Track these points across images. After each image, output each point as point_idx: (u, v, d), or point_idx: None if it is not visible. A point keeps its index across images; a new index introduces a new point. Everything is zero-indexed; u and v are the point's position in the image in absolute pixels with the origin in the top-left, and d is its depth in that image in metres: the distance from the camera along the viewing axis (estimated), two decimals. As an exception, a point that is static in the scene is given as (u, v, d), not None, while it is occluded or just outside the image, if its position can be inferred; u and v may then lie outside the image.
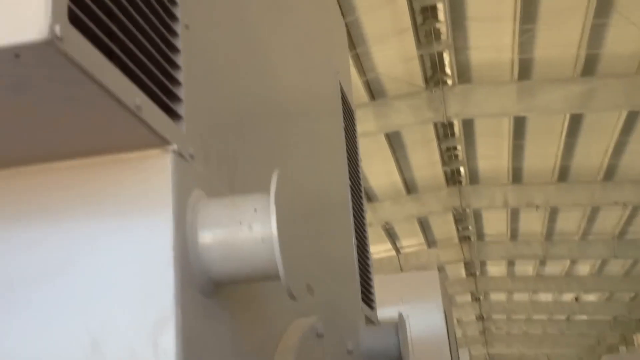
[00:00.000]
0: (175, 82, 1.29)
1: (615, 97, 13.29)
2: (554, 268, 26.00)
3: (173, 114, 1.26)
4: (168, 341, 1.11)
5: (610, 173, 17.29)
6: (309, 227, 2.10)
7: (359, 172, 3.51)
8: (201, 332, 1.21)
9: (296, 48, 2.33)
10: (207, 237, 1.25)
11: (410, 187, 19.11)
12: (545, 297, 30.40)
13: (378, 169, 17.71)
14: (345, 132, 3.23)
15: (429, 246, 23.85)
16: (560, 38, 12.42)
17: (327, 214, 2.51)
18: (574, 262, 24.70)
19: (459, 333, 36.17)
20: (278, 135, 1.96)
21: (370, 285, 3.26)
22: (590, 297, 29.87)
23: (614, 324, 33.01)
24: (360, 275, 3.03)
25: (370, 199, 19.29)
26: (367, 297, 3.14)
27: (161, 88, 1.24)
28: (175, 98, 1.28)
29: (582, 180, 17.79)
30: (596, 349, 39.48)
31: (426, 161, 17.86)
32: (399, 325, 2.72)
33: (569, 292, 28.58)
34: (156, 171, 1.21)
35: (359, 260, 3.05)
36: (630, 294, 28.01)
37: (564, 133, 15.43)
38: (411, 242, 23.36)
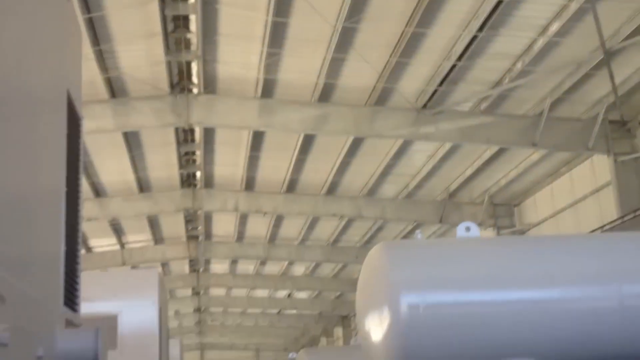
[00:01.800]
0: None
1: (345, 124, 14.60)
2: (273, 268, 27.58)
3: None
4: None
5: (332, 188, 18.93)
6: (6, 232, 2.10)
7: (79, 177, 3.53)
8: None
9: (19, 54, 2.27)
10: None
11: (143, 186, 18.93)
12: (262, 293, 32.08)
13: (111, 166, 17.29)
14: (68, 138, 3.22)
15: (155, 243, 23.77)
16: (303, 65, 13.33)
17: (31, 218, 2.49)
18: (291, 263, 26.46)
19: (175, 324, 36.53)
20: None
21: (75, 289, 3.29)
22: (302, 295, 32.21)
23: (319, 318, 36.01)
24: (66, 279, 3.06)
25: (99, 194, 18.73)
26: (71, 300, 3.17)
27: None
28: None
29: (307, 193, 19.20)
30: (300, 339, 42.66)
31: (163, 163, 17.85)
32: (98, 330, 2.78)
33: (283, 289, 30.52)
34: None
35: (66, 265, 3.07)
36: (337, 293, 30.79)
37: (297, 150, 16.53)
38: (138, 237, 23.09)
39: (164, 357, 8.72)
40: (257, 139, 16.23)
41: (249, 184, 19.05)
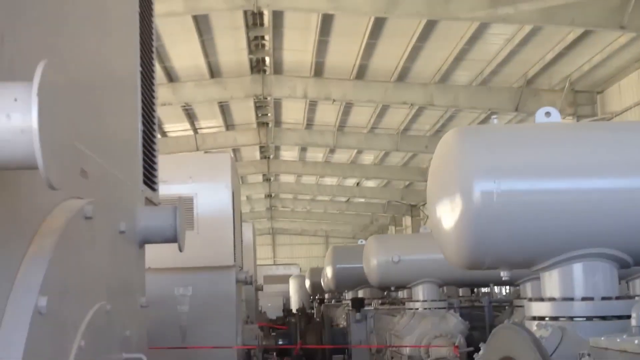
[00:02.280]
0: None
1: (417, 6, 14.00)
2: (341, 156, 27.66)
3: None
4: None
5: (403, 75, 18.45)
6: (86, 111, 2.11)
7: (152, 57, 3.50)
8: None
9: None
10: None
11: (214, 71, 18.91)
12: (331, 181, 32.43)
13: (182, 50, 17.25)
14: (141, 17, 3.18)
15: (227, 129, 24.06)
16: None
17: (108, 97, 2.51)
18: (360, 151, 26.43)
19: (247, 209, 37.61)
20: (54, 13, 1.87)
21: (153, 168, 3.33)
22: (370, 183, 32.40)
23: (387, 207, 36.32)
24: (144, 158, 3.11)
25: (172, 79, 18.84)
26: (149, 179, 3.23)
27: None
28: None
29: (377, 80, 18.80)
30: (369, 227, 43.36)
31: (233, 48, 17.70)
32: (176, 208, 2.84)
33: (352, 177, 30.73)
34: None
35: (144, 144, 3.11)
36: (405, 182, 30.81)
37: (367, 34, 16.05)
38: (210, 123, 23.39)
39: (238, 240, 8.95)
40: (326, 22, 15.79)
41: (318, 70, 18.76)
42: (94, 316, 1.77)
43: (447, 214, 3.49)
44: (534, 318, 3.52)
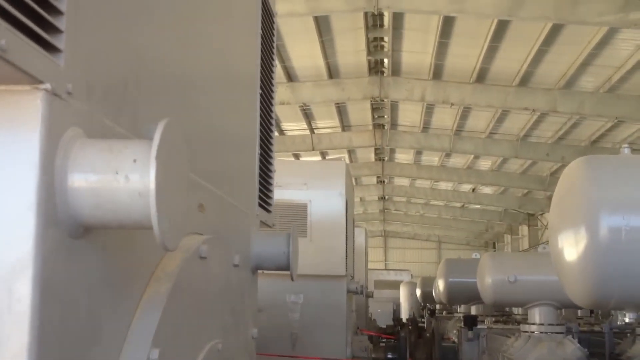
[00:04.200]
0: (54, 11, 1.19)
1: (543, 8, 13.48)
2: (458, 160, 27.11)
3: (50, 47, 1.18)
4: (24, 288, 1.11)
5: (525, 79, 17.83)
6: (204, 143, 2.11)
7: (272, 72, 3.48)
8: (67, 273, 1.21)
9: None
10: (78, 182, 1.21)
11: (332, 71, 19.05)
12: (446, 185, 31.88)
13: (302, 50, 17.49)
14: (262, 39, 3.15)
15: (343, 129, 24.18)
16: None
17: (227, 124, 2.51)
18: (477, 157, 25.80)
19: (360, 210, 37.67)
20: (179, 63, 1.88)
21: (269, 190, 3.32)
22: (487, 190, 31.57)
23: (503, 215, 35.26)
24: (260, 181, 3.10)
25: (291, 78, 19.15)
26: (265, 202, 3.21)
27: (37, 19, 1.15)
28: (54, 29, 1.19)
29: (498, 84, 18.27)
30: (483, 235, 42.29)
31: (352, 48, 17.76)
32: (291, 235, 2.82)
33: (468, 183, 30.06)
34: (24, 110, 1.15)
35: (260, 167, 3.11)
36: (524, 190, 29.77)
37: (489, 37, 15.63)
38: (326, 123, 23.60)
39: (350, 248, 8.97)
40: (447, 24, 15.51)
41: (437, 73, 18.46)
42: (205, 358, 1.79)
43: (571, 247, 3.31)
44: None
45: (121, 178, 1.22)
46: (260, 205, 3.09)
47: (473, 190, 31.67)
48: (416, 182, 32.12)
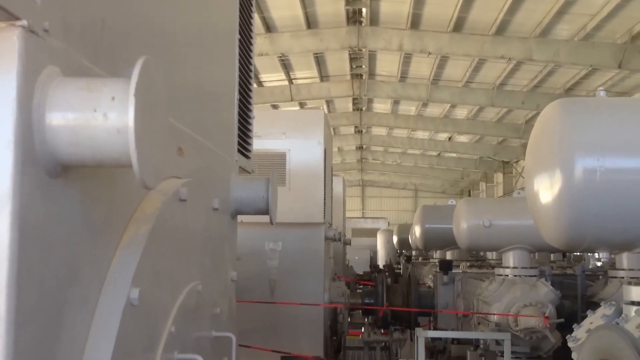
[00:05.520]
0: None
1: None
2: (434, 110, 27.15)
3: None
4: (2, 227, 1.12)
5: (502, 28, 17.76)
6: (183, 88, 2.11)
7: (251, 24, 3.47)
8: (46, 212, 1.22)
9: None
10: (56, 120, 1.21)
11: (311, 21, 18.83)
12: (422, 134, 31.98)
13: (280, 1, 17.25)
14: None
15: (321, 80, 24.04)
16: None
17: (206, 70, 2.50)
18: (453, 106, 25.85)
19: (339, 160, 37.76)
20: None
21: (248, 136, 3.32)
22: (463, 138, 31.73)
23: (479, 163, 35.56)
24: (240, 127, 3.11)
25: (269, 29, 18.90)
26: (244, 148, 3.23)
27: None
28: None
29: (475, 33, 18.19)
30: (459, 183, 42.72)
31: (330, -3, 17.56)
32: (270, 180, 2.86)
33: (444, 132, 30.17)
34: (0, 46, 1.14)
35: (240, 113, 3.11)
36: (499, 138, 29.97)
37: (467, -15, 15.51)
38: (305, 74, 23.43)
39: (328, 194, 9.01)
40: (425, -27, 15.35)
41: (415, 22, 18.31)
42: (185, 299, 1.80)
43: (546, 189, 3.35)
44: (633, 303, 3.37)
45: (99, 116, 1.21)
46: (239, 151, 3.09)
47: (449, 139, 31.83)
48: (393, 131, 32.18)
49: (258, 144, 7.25)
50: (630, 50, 16.71)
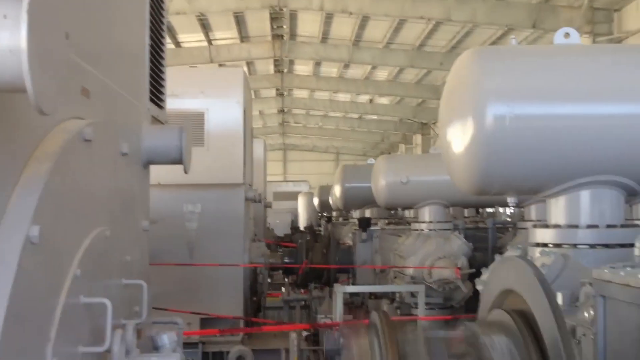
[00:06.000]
0: None
1: None
2: (356, 71, 27.27)
3: None
4: None
5: (421, -12, 17.94)
6: (87, 22, 2.02)
7: None
8: None
9: None
10: None
11: (230, -21, 18.47)
12: (344, 97, 32.12)
13: (198, -44, 16.85)
14: None
15: (241, 41, 23.67)
16: None
17: (112, 6, 2.41)
18: (374, 67, 26.03)
19: (260, 124, 37.50)
20: None
21: (161, 85, 3.24)
22: (384, 100, 32.07)
23: (399, 124, 36.09)
24: (151, 74, 3.02)
25: (186, -14, 18.41)
26: (156, 97, 3.15)
27: None
28: None
29: (395, -7, 18.30)
30: (380, 145, 43.25)
31: (247, -44, 17.22)
32: (182, 128, 2.78)
33: (366, 94, 30.41)
34: None
35: (151, 59, 3.02)
36: (418, 100, 30.46)
37: (386, -55, 15.52)
38: (225, 34, 23.00)
39: (248, 156, 8.93)
40: None
41: (335, -19, 18.26)
42: (91, 243, 1.75)
43: (458, 137, 3.42)
44: (538, 244, 3.51)
45: (-11, 34, 1.14)
46: (151, 100, 3.00)
47: (370, 101, 32.11)
48: (315, 93, 32.18)
49: (175, 104, 7.10)
50: (544, 10, 17.20)
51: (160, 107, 3.19)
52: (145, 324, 2.23)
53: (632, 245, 2.94)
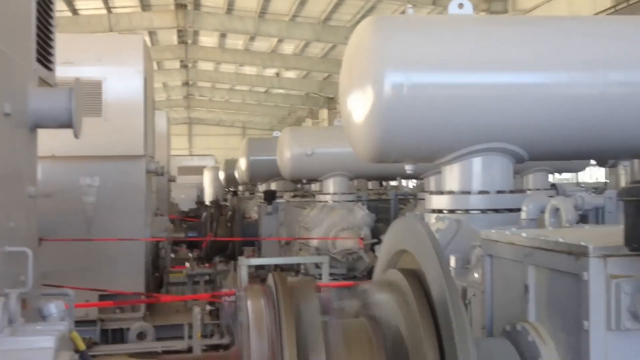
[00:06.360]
0: None
1: None
2: (262, 44, 27.02)
3: None
4: None
5: (326, -39, 17.93)
6: None
7: None
8: None
9: None
10: None
11: (129, -56, 17.80)
12: (250, 70, 31.81)
13: None
14: None
15: (143, 9, 22.93)
16: None
17: None
18: (281, 40, 25.87)
19: (163, 97, 36.65)
20: None
21: (50, 45, 3.12)
22: (290, 74, 31.99)
23: (305, 99, 36.16)
24: (39, 34, 2.91)
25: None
26: (44, 58, 3.03)
27: None
28: None
29: (299, -36, 18.21)
30: (286, 119, 43.21)
31: None
32: (72, 90, 2.69)
33: (272, 67, 30.21)
34: None
35: (38, 17, 2.90)
36: (325, 74, 30.57)
37: None
38: (125, 2, 22.20)
39: (150, 128, 8.70)
40: None
41: (238, -48, 17.96)
42: (-35, 205, 1.65)
43: (358, 105, 3.45)
44: (433, 211, 3.62)
45: None
46: (39, 61, 2.85)
47: (277, 74, 31.96)
48: (221, 66, 31.69)
49: (70, 72, 6.80)
50: (444, -13, 17.56)
51: (49, 69, 3.05)
52: (33, 295, 2.14)
53: (519, 209, 3.08)
